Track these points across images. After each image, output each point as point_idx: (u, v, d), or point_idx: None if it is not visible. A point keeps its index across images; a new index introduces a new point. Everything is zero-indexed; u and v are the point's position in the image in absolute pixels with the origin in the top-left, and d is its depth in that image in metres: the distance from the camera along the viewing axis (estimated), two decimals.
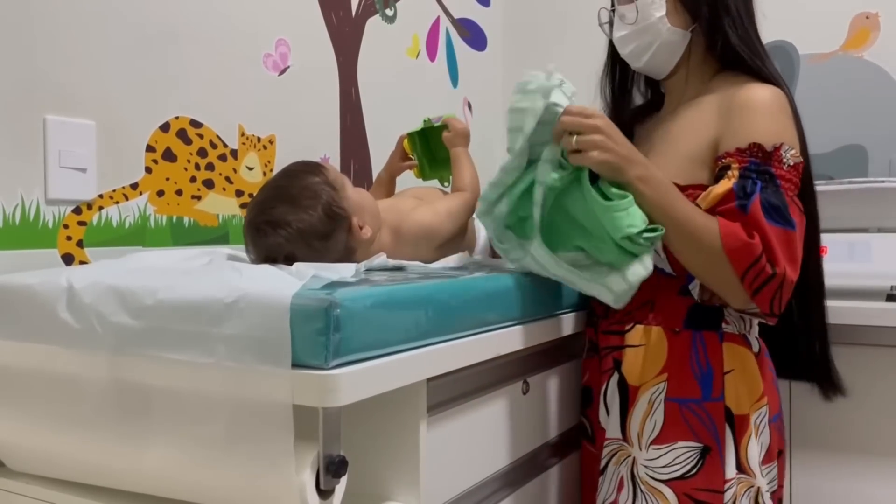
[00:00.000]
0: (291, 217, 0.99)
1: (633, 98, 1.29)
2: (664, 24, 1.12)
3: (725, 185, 1.02)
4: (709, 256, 1.00)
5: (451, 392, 0.93)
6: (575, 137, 0.98)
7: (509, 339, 1.00)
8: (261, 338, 0.70)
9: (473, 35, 2.19)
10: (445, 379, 0.88)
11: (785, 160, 1.03)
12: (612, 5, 1.20)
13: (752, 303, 1.01)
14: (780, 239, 0.99)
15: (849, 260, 1.39)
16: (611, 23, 1.19)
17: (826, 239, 1.43)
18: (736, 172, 1.02)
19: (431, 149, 1.37)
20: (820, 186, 1.46)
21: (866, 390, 1.35)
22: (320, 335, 0.69)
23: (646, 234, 0.99)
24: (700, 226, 1.00)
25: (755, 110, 1.05)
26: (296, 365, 0.70)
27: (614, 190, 1.00)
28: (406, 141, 1.34)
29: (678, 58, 1.15)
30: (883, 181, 1.40)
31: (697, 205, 1.04)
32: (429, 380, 0.84)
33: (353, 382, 0.70)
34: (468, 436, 0.97)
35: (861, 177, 1.80)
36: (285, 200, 1.01)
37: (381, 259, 1.04)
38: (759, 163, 1.02)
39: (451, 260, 1.14)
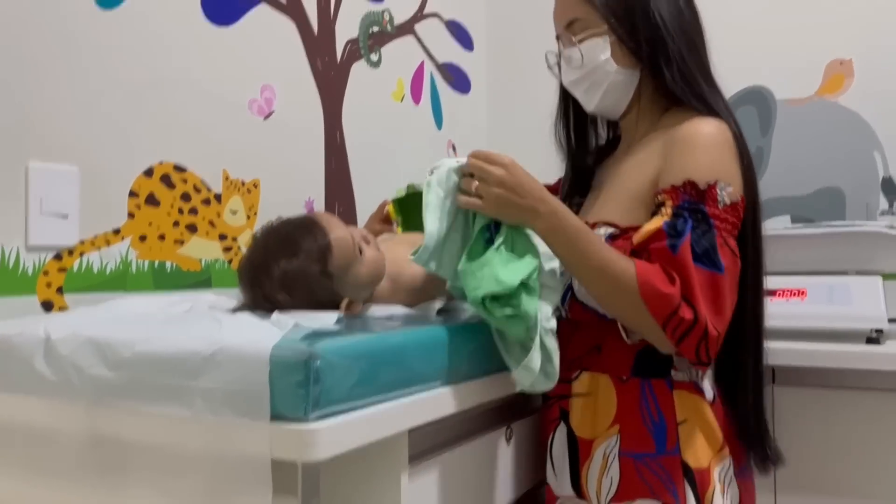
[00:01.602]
0: (273, 294, 0.95)
1: (592, 139, 1.28)
2: (611, 65, 1.11)
3: (657, 222, 1.00)
4: (628, 303, 0.96)
5: (433, 440, 0.92)
6: (475, 184, 0.97)
7: (492, 387, 0.99)
8: (239, 391, 0.70)
9: (457, 79, 2.22)
10: (427, 428, 0.88)
11: (720, 198, 1.00)
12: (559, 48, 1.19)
13: (678, 351, 0.97)
14: (705, 284, 0.95)
15: (828, 303, 1.40)
16: (559, 66, 1.19)
17: (806, 282, 1.45)
18: (669, 210, 1.00)
19: (414, 213, 1.35)
20: (799, 230, 1.49)
21: (846, 434, 1.35)
22: (300, 387, 0.69)
23: (492, 301, 0.91)
24: (617, 273, 0.96)
25: (693, 145, 1.03)
26: (275, 417, 0.69)
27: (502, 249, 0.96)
28: (391, 207, 1.34)
29: (630, 97, 1.14)
30: (862, 225, 1.42)
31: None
32: (410, 430, 0.84)
33: (332, 436, 0.70)
34: (451, 485, 0.96)
35: (839, 218, 1.83)
36: (271, 274, 0.96)
37: (368, 309, 1.04)
38: (692, 201, 0.99)
39: (433, 306, 1.13)
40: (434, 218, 0.97)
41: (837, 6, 1.89)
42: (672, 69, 1.08)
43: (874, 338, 1.36)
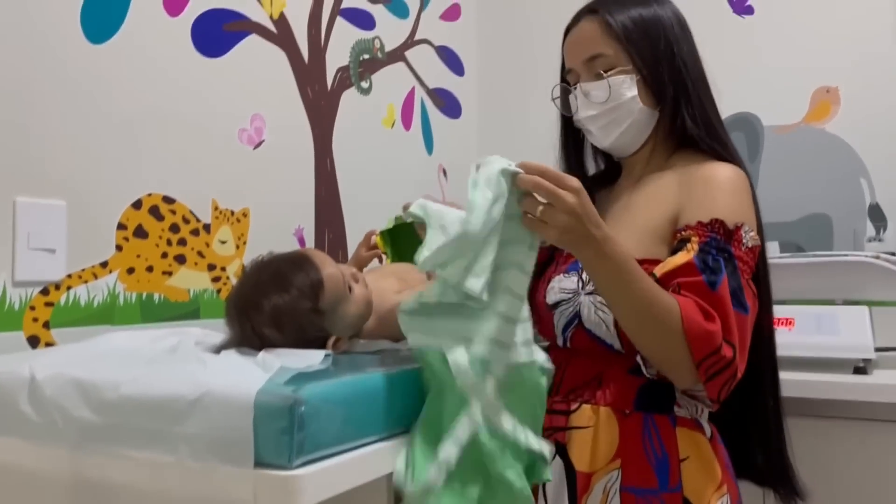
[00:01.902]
0: (260, 329, 0.95)
1: (588, 168, 1.27)
2: (636, 103, 1.11)
3: (685, 256, 1.00)
4: (667, 339, 0.95)
5: None
6: (540, 207, 0.88)
7: None
8: (223, 437, 0.70)
9: (448, 103, 2.23)
10: None
11: (744, 241, 1.02)
12: (564, 80, 1.18)
13: (699, 385, 0.98)
14: (739, 325, 0.97)
15: (816, 332, 1.41)
16: (563, 99, 1.18)
17: (793, 311, 1.46)
18: (696, 246, 1.00)
19: (402, 244, 1.36)
20: (787, 259, 1.50)
21: (833, 463, 1.35)
22: (284, 434, 0.68)
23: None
24: (661, 306, 0.95)
25: (718, 186, 1.05)
26: (259, 464, 0.69)
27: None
28: (378, 238, 1.34)
29: (646, 136, 1.15)
30: (847, 255, 1.43)
31: (654, 275, 1.00)
32: None
33: (317, 482, 0.70)
34: None
35: (826, 245, 1.85)
36: (260, 309, 0.96)
37: (355, 345, 1.04)
38: (719, 240, 1.01)
39: None
40: (479, 221, 0.84)
41: (823, 35, 1.91)
42: (693, 112, 1.11)
43: (861, 367, 1.36)
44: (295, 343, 0.96)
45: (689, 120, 1.11)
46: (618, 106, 1.11)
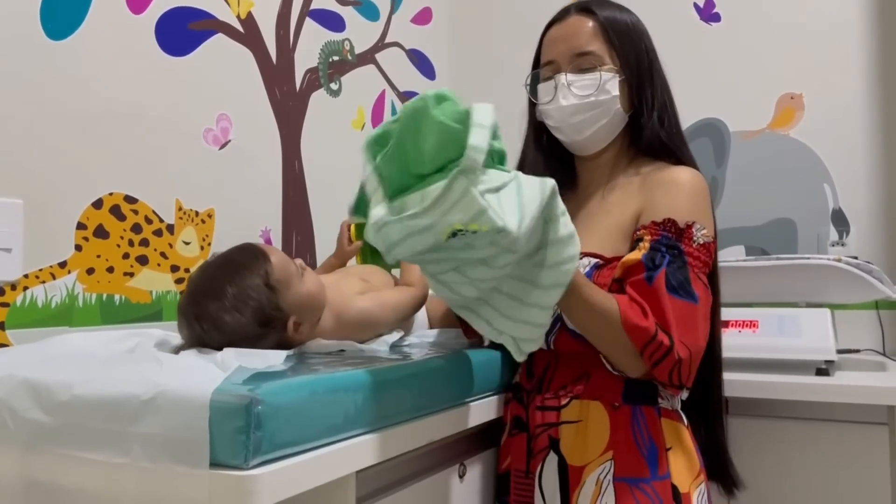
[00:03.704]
0: (220, 316, 0.95)
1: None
2: (615, 103, 1.14)
3: (636, 255, 1.05)
4: (612, 333, 1.01)
5: (383, 481, 0.91)
6: None
7: (443, 424, 0.98)
8: (178, 437, 0.68)
9: None
10: (377, 468, 0.86)
11: (695, 238, 1.07)
12: (538, 67, 1.20)
13: (652, 373, 1.02)
14: (680, 313, 1.01)
15: (779, 335, 1.42)
16: (534, 87, 1.20)
17: (757, 313, 1.47)
18: (647, 244, 1.05)
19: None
20: (750, 262, 1.52)
21: (797, 463, 1.36)
22: (240, 434, 0.67)
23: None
24: (605, 311, 1.01)
25: (676, 188, 1.10)
26: (215, 464, 0.68)
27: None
28: (353, 228, 1.35)
29: (611, 139, 1.18)
30: (809, 258, 1.44)
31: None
32: (358, 471, 0.82)
33: (274, 482, 0.68)
34: None
35: (791, 249, 1.87)
36: (217, 296, 0.96)
37: (316, 343, 1.03)
38: (670, 237, 1.06)
39: (385, 340, 1.13)
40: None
41: (789, 42, 1.94)
42: (669, 123, 1.17)
43: (824, 369, 1.38)
44: (256, 329, 0.96)
45: (661, 129, 1.16)
46: (598, 102, 1.14)
